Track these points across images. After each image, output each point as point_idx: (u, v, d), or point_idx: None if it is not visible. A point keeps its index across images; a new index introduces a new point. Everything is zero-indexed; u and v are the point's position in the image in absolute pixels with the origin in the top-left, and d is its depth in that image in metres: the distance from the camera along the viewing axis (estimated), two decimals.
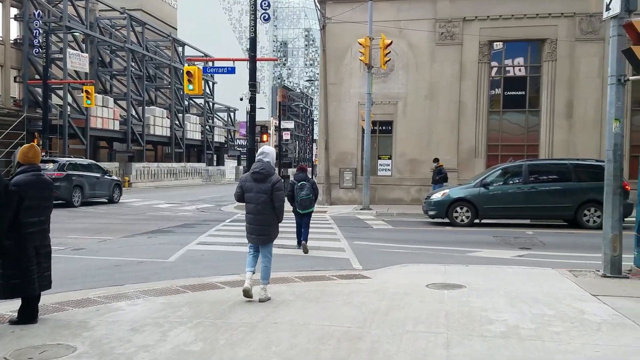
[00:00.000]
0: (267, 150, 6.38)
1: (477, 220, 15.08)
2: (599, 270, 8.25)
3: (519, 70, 22.15)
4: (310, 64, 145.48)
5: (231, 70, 23.97)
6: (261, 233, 6.31)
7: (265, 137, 29.86)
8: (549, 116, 21.28)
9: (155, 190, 38.88)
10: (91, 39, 39.08)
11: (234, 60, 23.96)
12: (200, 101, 57.44)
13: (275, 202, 6.23)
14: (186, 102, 54.89)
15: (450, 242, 12.27)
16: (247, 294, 6.25)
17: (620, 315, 5.84)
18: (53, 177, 18.60)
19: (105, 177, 23.18)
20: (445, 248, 11.31)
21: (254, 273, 6.41)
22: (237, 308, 6.09)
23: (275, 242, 6.68)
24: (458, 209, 15.04)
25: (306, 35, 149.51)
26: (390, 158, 22.60)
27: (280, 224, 6.59)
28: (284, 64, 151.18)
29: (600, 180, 15.06)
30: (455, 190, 15.48)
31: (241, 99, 22.44)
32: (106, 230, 13.80)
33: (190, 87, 22.80)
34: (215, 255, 10.16)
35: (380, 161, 22.58)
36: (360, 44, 19.52)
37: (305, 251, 10.28)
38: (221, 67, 24.79)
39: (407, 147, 22.20)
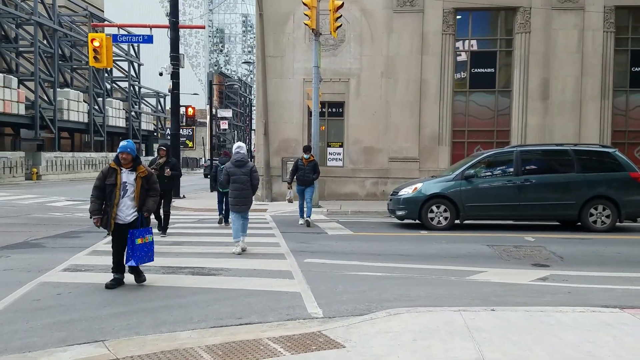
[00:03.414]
0: (242, 145, 9.08)
1: (457, 221, 11.89)
2: None
3: (488, 43, 19.24)
4: (249, 51, 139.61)
5: (148, 39, 19.82)
6: (243, 204, 8.85)
7: (191, 111, 25.74)
8: (521, 97, 18.51)
9: (68, 183, 33.87)
10: None
11: (151, 27, 19.79)
12: (125, 85, 51.93)
13: (253, 180, 8.88)
14: (108, 86, 49.24)
15: (434, 256, 8.96)
16: (243, 251, 8.83)
17: None
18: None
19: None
20: (433, 267, 7.95)
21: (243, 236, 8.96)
22: None
23: (179, 264, 7.80)
24: (434, 208, 11.76)
25: (244, 21, 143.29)
26: (341, 146, 19.16)
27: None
28: (221, 51, 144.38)
29: (608, 170, 12.30)
30: (429, 184, 12.15)
31: (160, 74, 18.38)
32: None
33: (97, 58, 18.69)
34: (82, 294, 6.25)
35: (330, 149, 19.09)
36: (306, 5, 15.90)
37: (220, 222, 12.58)
38: (135, 35, 20.44)
39: (361, 132, 18.85)
